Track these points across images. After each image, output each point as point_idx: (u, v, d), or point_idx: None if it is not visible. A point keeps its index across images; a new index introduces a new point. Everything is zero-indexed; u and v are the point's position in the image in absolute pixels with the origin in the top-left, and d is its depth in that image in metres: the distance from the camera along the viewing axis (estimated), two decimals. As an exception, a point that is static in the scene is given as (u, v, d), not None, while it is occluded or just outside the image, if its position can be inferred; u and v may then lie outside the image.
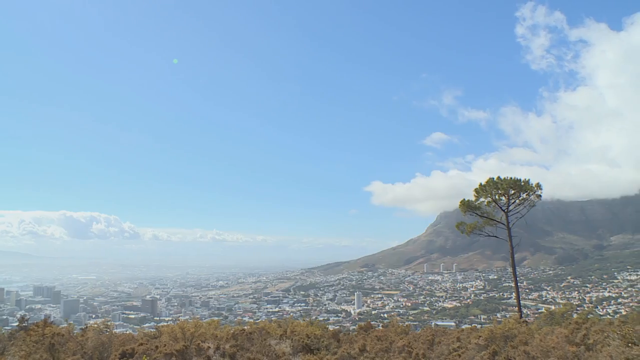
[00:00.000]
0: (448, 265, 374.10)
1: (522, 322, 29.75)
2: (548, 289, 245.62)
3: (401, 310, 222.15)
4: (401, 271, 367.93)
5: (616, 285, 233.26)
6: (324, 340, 24.12)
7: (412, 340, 23.20)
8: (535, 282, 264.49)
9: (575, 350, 16.37)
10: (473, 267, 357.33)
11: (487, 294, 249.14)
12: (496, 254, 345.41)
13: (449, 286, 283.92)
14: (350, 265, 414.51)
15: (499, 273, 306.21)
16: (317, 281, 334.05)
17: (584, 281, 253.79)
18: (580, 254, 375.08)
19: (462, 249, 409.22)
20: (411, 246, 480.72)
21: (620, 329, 19.51)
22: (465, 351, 19.53)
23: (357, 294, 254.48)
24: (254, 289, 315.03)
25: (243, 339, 23.94)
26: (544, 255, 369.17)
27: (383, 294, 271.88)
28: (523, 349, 17.99)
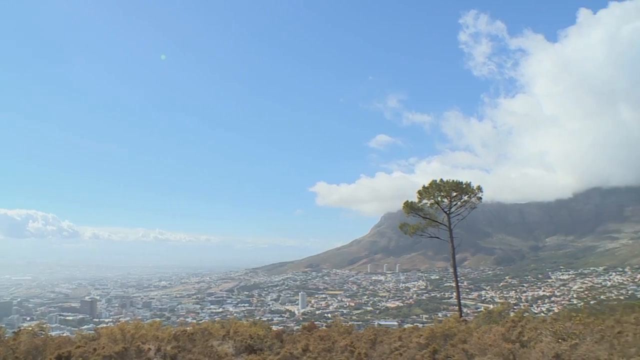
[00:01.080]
0: (391, 266, 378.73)
1: (461, 321, 30.54)
2: (487, 288, 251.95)
3: (345, 310, 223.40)
4: (345, 271, 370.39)
5: (550, 285, 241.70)
6: (267, 340, 24.09)
7: (354, 339, 23.42)
8: (475, 282, 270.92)
9: (510, 347, 16.89)
10: (415, 268, 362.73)
11: (429, 293, 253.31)
12: (438, 254, 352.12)
13: (392, 286, 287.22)
14: (294, 266, 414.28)
15: (440, 273, 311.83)
16: (262, 281, 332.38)
17: (520, 281, 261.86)
18: (517, 255, 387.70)
19: (405, 249, 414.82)
20: (355, 247, 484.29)
21: (552, 326, 20.35)
22: (407, 350, 19.84)
23: (301, 294, 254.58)
24: (197, 289, 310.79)
25: (185, 340, 23.61)
26: (483, 255, 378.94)
27: (327, 294, 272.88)
28: (462, 347, 18.44)
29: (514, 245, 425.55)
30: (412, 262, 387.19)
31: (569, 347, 15.38)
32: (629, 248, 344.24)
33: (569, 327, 20.52)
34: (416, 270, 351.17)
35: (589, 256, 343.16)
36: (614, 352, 14.71)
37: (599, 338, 17.74)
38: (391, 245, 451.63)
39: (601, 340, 17.14)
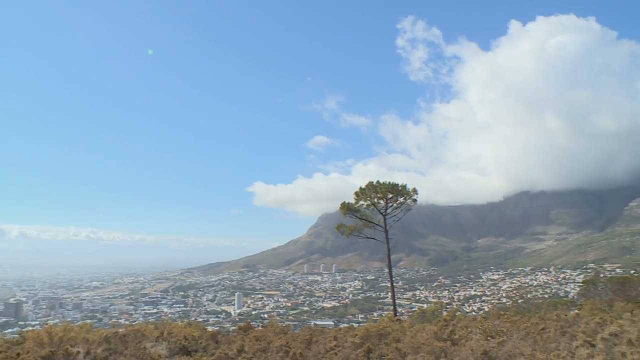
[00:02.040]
0: (328, 266, 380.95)
1: (396, 320, 31.08)
2: (421, 288, 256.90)
3: (281, 311, 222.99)
4: (282, 271, 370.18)
5: (481, 284, 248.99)
6: (202, 341, 23.84)
7: (290, 339, 23.49)
8: (410, 282, 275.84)
9: (442, 346, 17.36)
10: (352, 268, 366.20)
11: (365, 293, 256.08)
12: (374, 255, 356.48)
13: (328, 286, 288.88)
14: (231, 266, 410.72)
15: (376, 273, 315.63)
16: (197, 281, 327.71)
17: (453, 281, 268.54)
18: (451, 256, 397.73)
19: (342, 250, 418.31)
20: (292, 247, 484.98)
21: (482, 324, 21.08)
22: (342, 349, 20.05)
23: (238, 294, 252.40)
24: (131, 290, 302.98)
25: (116, 342, 23.01)
26: (418, 256, 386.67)
27: (263, 294, 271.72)
28: (395, 346, 18.80)
29: (447, 247, 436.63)
30: (348, 263, 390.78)
31: (497, 344, 16.00)
32: (554, 249, 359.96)
33: (498, 325, 21.32)
34: (352, 270, 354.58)
35: (518, 257, 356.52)
36: (537, 348, 15.41)
37: (524, 335, 18.49)
38: (328, 245, 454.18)
39: (526, 337, 17.89)
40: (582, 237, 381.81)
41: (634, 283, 42.96)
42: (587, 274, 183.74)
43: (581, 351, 12.79)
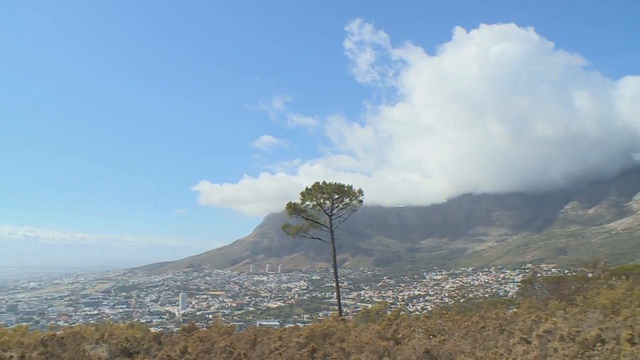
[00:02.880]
0: (273, 266, 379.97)
1: (340, 320, 31.33)
2: (366, 288, 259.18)
3: (226, 311, 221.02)
4: (227, 272, 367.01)
5: (425, 284, 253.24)
6: (145, 343, 23.45)
7: (234, 340, 23.37)
8: (355, 282, 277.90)
9: (385, 345, 17.61)
10: (297, 268, 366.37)
11: (310, 294, 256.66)
12: (319, 255, 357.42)
13: (274, 286, 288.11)
14: (175, 266, 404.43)
15: (321, 274, 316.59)
16: (141, 282, 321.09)
17: (398, 281, 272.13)
18: (395, 256, 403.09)
19: (288, 250, 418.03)
20: (237, 247, 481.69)
21: (424, 323, 21.51)
22: (286, 349, 20.08)
23: (182, 294, 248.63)
24: (71, 291, 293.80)
25: (53, 345, 22.30)
26: (363, 257, 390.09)
27: (208, 294, 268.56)
28: (340, 346, 18.95)
29: (392, 247, 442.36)
30: (294, 263, 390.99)
31: (438, 342, 16.36)
32: (494, 250, 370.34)
33: (440, 324, 21.80)
34: (298, 270, 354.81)
35: (460, 257, 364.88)
36: (476, 346, 15.86)
37: (464, 333, 18.98)
38: (274, 245, 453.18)
39: (466, 335, 18.37)
40: (521, 239, 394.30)
41: (567, 282, 44.59)
42: (525, 274, 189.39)
43: (518, 348, 13.24)
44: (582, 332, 13.70)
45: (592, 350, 11.56)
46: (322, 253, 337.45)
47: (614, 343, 11.89)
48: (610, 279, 42.32)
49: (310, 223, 45.44)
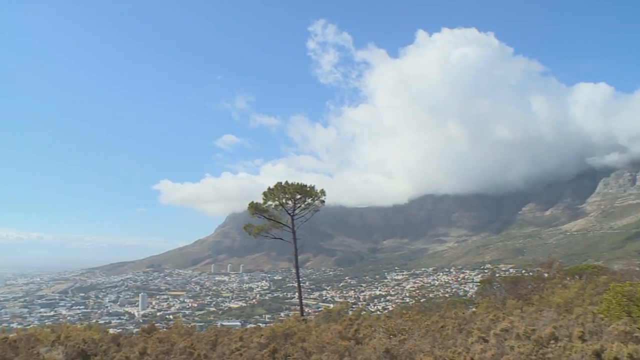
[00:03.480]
0: (235, 266, 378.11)
1: (302, 320, 31.37)
2: (328, 288, 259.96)
3: (187, 311, 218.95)
4: (188, 272, 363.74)
5: (386, 284, 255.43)
6: (103, 344, 23.06)
7: (195, 341, 23.21)
8: (317, 282, 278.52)
9: (346, 345, 17.72)
10: (259, 268, 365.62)
11: (272, 294, 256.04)
12: (281, 255, 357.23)
13: (236, 287, 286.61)
14: (135, 265, 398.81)
15: (283, 274, 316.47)
16: (100, 282, 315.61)
17: (359, 281, 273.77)
18: (357, 256, 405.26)
19: (249, 250, 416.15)
20: (199, 247, 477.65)
21: (385, 323, 21.70)
22: (247, 350, 20.03)
23: (142, 295, 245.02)
24: (26, 292, 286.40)
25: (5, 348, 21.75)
26: (325, 257, 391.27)
27: (169, 294, 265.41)
28: (301, 346, 18.99)
29: (354, 247, 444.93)
30: (255, 263, 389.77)
31: (398, 342, 16.54)
32: (454, 250, 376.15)
33: (400, 323, 22.02)
34: (260, 270, 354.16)
35: (421, 258, 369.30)
36: (435, 345, 16.11)
37: (424, 332, 19.23)
38: (235, 245, 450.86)
39: (426, 335, 18.62)
40: (480, 239, 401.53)
41: (524, 282, 45.64)
42: (484, 274, 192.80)
43: (476, 347, 13.48)
44: (537, 330, 14.05)
45: (546, 348, 11.87)
46: (284, 253, 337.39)
47: (567, 340, 12.24)
48: (565, 278, 43.47)
49: (272, 223, 45.38)
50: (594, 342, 11.52)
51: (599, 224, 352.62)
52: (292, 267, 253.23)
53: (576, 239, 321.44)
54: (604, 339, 12.27)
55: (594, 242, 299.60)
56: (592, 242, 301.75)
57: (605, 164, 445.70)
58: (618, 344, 10.63)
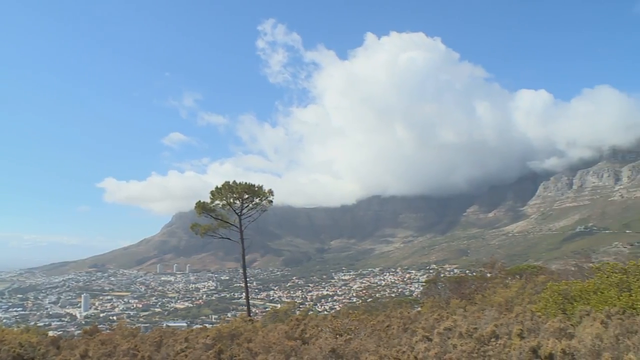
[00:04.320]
0: (181, 266, 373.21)
1: (249, 320, 31.27)
2: (275, 288, 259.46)
3: (131, 312, 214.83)
4: (133, 272, 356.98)
5: (333, 284, 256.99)
6: (41, 347, 22.32)
7: (139, 342, 22.83)
8: (264, 283, 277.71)
9: (293, 345, 17.78)
10: (206, 268, 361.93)
11: (219, 294, 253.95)
12: (229, 255, 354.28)
13: (182, 287, 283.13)
14: (77, 265, 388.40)
15: (230, 274, 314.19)
16: (39, 283, 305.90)
17: (307, 281, 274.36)
18: (305, 257, 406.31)
19: (196, 250, 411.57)
20: (144, 246, 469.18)
21: (331, 323, 21.88)
22: (193, 351, 19.83)
23: (85, 295, 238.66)
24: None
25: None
26: (273, 257, 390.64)
27: (113, 295, 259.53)
28: (247, 346, 18.94)
29: (301, 247, 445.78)
30: (202, 263, 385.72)
31: (344, 341, 16.71)
32: (401, 251, 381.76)
33: (347, 323, 22.23)
34: (206, 270, 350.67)
35: (368, 258, 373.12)
36: (381, 344, 16.36)
37: (370, 332, 19.50)
38: (182, 245, 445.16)
39: (372, 334, 18.88)
40: (426, 240, 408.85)
41: (468, 282, 46.83)
42: (430, 274, 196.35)
43: (420, 345, 13.75)
44: (479, 328, 14.47)
45: (487, 346, 12.24)
46: (231, 253, 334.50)
47: (506, 338, 12.65)
48: (506, 278, 44.84)
49: (219, 223, 45.04)
50: (532, 339, 11.95)
51: (538, 226, 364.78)
52: (239, 267, 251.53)
53: (517, 240, 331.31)
54: (540, 336, 12.75)
55: (533, 243, 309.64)
56: (532, 243, 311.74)
57: (545, 167, 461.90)
58: (553, 341, 11.08)
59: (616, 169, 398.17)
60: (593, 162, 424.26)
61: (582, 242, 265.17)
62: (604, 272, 18.89)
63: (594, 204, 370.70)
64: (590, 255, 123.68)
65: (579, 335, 11.88)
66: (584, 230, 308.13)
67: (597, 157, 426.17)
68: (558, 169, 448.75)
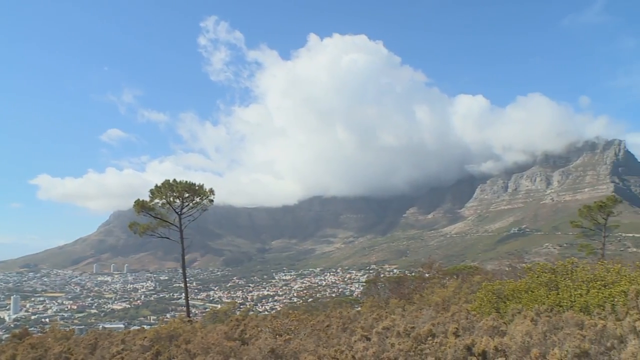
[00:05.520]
0: (119, 266, 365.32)
1: (187, 321, 30.86)
2: (216, 289, 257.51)
3: (66, 314, 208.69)
4: (68, 272, 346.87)
5: (274, 285, 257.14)
6: (-35, 352, 21.53)
7: (72, 345, 22.23)
8: (204, 283, 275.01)
9: (232, 345, 17.69)
10: (145, 268, 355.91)
11: (158, 294, 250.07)
12: (168, 255, 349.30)
13: (119, 287, 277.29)
14: (7, 265, 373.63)
15: (170, 274, 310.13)
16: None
17: (247, 281, 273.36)
18: (245, 257, 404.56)
19: (135, 249, 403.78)
20: (80, 245, 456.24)
21: (271, 323, 21.89)
22: (129, 353, 19.46)
23: (15, 297, 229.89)
24: None
25: None
26: (213, 256, 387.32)
27: (46, 296, 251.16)
28: (185, 347, 18.72)
29: (242, 247, 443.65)
30: (141, 263, 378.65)
31: (284, 341, 16.75)
32: (341, 251, 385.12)
33: (287, 323, 22.28)
34: (145, 270, 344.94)
35: (309, 258, 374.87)
36: (320, 343, 16.49)
37: (310, 332, 19.61)
38: (120, 244, 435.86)
39: (311, 334, 18.99)
40: (366, 241, 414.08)
41: (407, 282, 47.74)
42: (370, 274, 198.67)
43: (358, 345, 13.92)
44: (417, 327, 14.78)
45: (424, 344, 12.53)
46: (170, 253, 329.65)
47: (443, 336, 12.99)
48: (444, 278, 45.95)
49: (159, 222, 44.18)
50: (466, 337, 12.30)
51: (475, 228, 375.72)
52: (179, 267, 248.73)
53: (455, 241, 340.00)
54: (475, 334, 13.15)
55: (470, 244, 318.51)
56: (469, 244, 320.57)
57: (482, 171, 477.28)
58: (486, 338, 11.45)
59: (548, 174, 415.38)
60: (527, 166, 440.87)
61: (515, 243, 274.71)
62: (534, 272, 19.62)
63: (527, 206, 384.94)
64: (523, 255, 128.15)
65: (511, 333, 12.31)
66: (517, 232, 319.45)
67: (531, 161, 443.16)
68: (494, 172, 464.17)
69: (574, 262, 19.26)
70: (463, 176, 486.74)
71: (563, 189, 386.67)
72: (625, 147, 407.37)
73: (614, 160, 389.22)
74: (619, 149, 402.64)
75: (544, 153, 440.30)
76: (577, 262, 19.71)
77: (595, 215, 53.71)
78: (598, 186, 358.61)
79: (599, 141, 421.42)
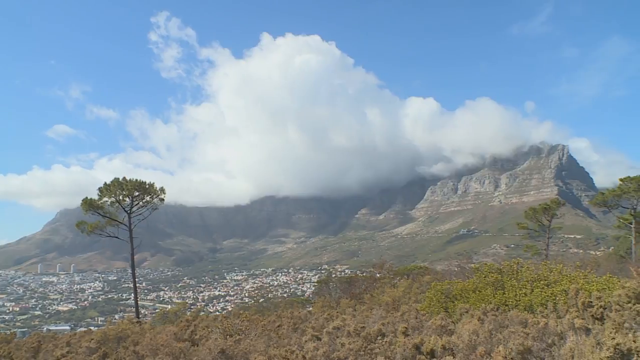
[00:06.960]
0: (65, 266, 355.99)
1: (136, 322, 30.37)
2: (166, 289, 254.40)
3: (7, 317, 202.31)
4: (10, 272, 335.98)
5: (225, 285, 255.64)
6: None
7: (13, 349, 21.58)
8: (154, 283, 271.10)
9: (182, 346, 17.50)
10: (92, 268, 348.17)
11: (106, 295, 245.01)
12: (117, 254, 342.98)
13: (66, 288, 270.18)
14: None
15: (119, 274, 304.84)
16: None
17: (198, 281, 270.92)
18: (196, 256, 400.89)
19: (82, 248, 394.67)
20: (24, 244, 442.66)
21: (222, 324, 21.77)
22: (75, 356, 19.02)
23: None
24: None
25: None
26: (163, 256, 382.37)
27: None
28: (133, 349, 18.42)
29: (193, 247, 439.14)
30: (89, 262, 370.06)
31: (234, 342, 16.68)
32: (293, 251, 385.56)
33: (237, 323, 22.18)
34: (93, 270, 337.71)
35: (261, 258, 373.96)
36: (271, 344, 16.49)
37: (261, 332, 19.58)
38: (66, 243, 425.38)
39: (262, 334, 18.97)
40: (318, 241, 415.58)
41: (358, 282, 48.14)
42: (321, 274, 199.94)
43: (309, 344, 13.98)
44: (367, 327, 14.95)
45: (373, 344, 12.68)
46: (120, 252, 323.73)
47: (392, 336, 13.18)
48: (395, 278, 46.58)
49: (107, 221, 43.32)
50: (415, 336, 12.52)
51: (425, 228, 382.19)
52: (128, 266, 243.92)
53: (406, 242, 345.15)
54: (424, 333, 13.41)
55: (421, 244, 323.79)
56: (419, 244, 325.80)
57: (433, 172, 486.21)
58: (435, 337, 11.69)
59: (496, 176, 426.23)
60: (476, 169, 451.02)
61: (464, 244, 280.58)
62: (482, 272, 20.11)
63: (476, 208, 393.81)
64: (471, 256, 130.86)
65: (458, 332, 12.60)
66: (466, 233, 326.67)
67: (480, 164, 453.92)
68: (444, 174, 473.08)
69: (520, 263, 19.88)
70: (414, 178, 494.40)
71: (510, 191, 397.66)
72: (568, 152, 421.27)
73: (557, 165, 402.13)
74: (562, 153, 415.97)
75: (492, 156, 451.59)
76: (523, 262, 20.38)
77: (540, 217, 55.73)
78: (543, 189, 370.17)
79: (544, 146, 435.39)
